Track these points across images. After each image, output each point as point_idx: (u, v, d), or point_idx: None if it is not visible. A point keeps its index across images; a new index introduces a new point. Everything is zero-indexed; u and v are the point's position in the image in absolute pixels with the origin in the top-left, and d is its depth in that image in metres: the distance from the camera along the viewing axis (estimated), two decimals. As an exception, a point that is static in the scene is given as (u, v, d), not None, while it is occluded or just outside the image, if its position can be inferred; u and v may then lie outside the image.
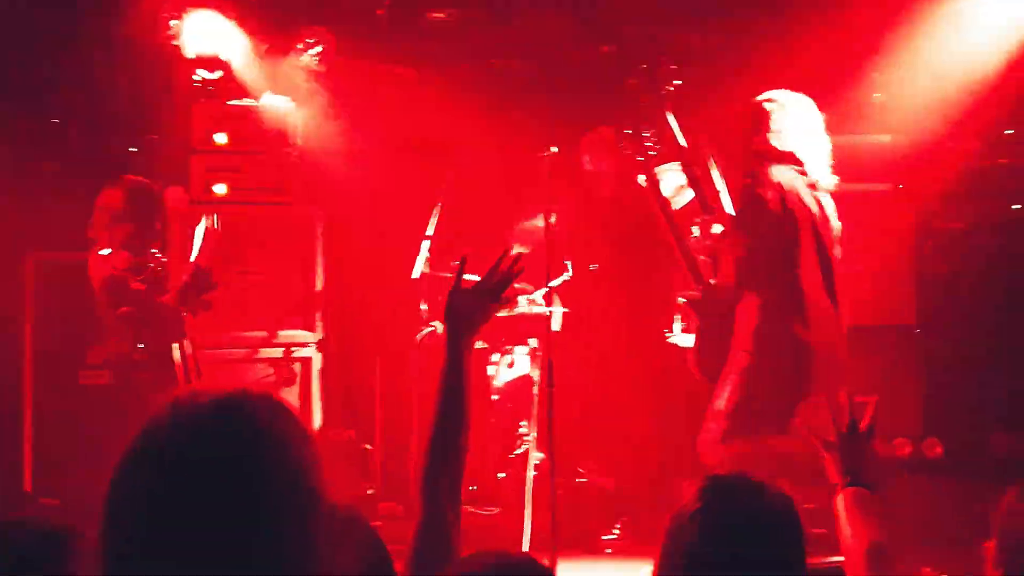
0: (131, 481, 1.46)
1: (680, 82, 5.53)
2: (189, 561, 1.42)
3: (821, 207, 5.46)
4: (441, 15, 7.75)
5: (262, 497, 1.46)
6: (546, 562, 2.40)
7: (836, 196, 7.12)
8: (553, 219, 5.89)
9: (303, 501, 1.49)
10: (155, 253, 6.11)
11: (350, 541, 1.57)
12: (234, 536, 1.43)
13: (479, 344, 6.20)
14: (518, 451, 6.59)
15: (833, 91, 7.33)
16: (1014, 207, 7.53)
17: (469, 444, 2.59)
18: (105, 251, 5.99)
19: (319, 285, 7.11)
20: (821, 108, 7.40)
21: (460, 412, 2.56)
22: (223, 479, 1.44)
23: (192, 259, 5.94)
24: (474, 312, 2.65)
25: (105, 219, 5.94)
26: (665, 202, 5.73)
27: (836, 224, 5.52)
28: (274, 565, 1.45)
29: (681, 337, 6.79)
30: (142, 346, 6.00)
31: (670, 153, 5.84)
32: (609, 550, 6.41)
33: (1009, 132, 7.41)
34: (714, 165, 5.83)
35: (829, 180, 5.58)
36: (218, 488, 1.44)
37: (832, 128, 7.33)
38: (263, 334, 6.98)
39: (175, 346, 5.84)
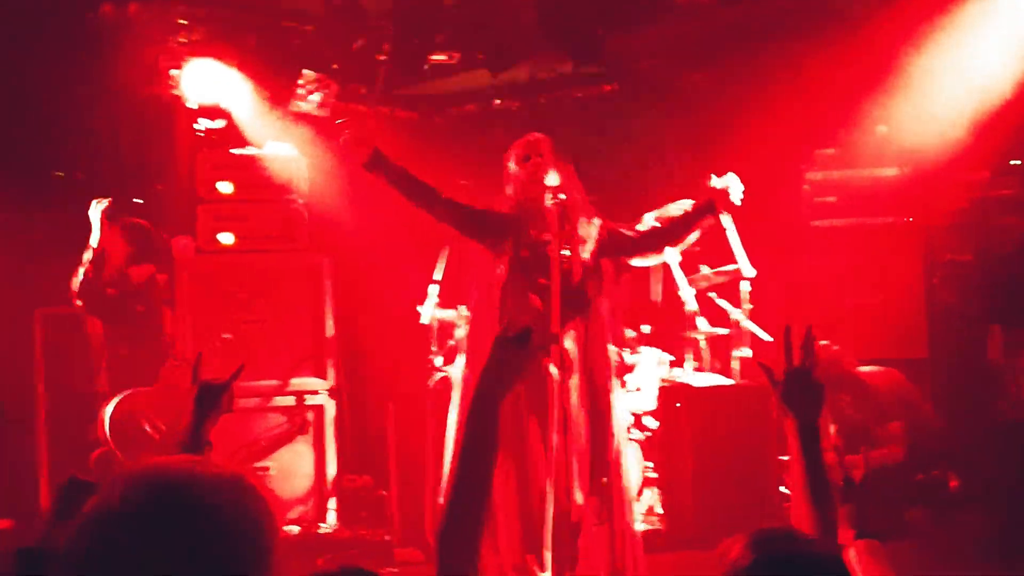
0: (77, 558, 1.45)
1: None
2: None
3: None
4: (443, 58, 7.71)
5: None
6: None
7: (845, 231, 7.21)
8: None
9: None
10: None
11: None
12: None
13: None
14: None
15: (838, 126, 7.36)
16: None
17: (492, 499, 2.47)
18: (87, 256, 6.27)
19: (329, 332, 7.02)
20: (826, 143, 7.43)
21: (487, 464, 2.43)
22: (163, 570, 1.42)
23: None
24: (516, 360, 2.50)
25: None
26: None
27: None
28: None
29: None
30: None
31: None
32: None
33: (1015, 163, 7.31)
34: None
35: None
36: None
37: (839, 163, 7.40)
38: (275, 383, 6.89)
39: None
